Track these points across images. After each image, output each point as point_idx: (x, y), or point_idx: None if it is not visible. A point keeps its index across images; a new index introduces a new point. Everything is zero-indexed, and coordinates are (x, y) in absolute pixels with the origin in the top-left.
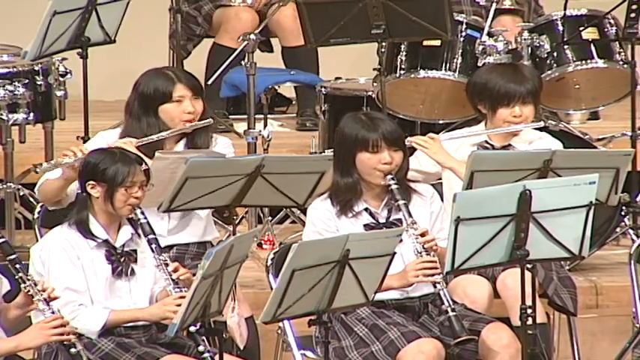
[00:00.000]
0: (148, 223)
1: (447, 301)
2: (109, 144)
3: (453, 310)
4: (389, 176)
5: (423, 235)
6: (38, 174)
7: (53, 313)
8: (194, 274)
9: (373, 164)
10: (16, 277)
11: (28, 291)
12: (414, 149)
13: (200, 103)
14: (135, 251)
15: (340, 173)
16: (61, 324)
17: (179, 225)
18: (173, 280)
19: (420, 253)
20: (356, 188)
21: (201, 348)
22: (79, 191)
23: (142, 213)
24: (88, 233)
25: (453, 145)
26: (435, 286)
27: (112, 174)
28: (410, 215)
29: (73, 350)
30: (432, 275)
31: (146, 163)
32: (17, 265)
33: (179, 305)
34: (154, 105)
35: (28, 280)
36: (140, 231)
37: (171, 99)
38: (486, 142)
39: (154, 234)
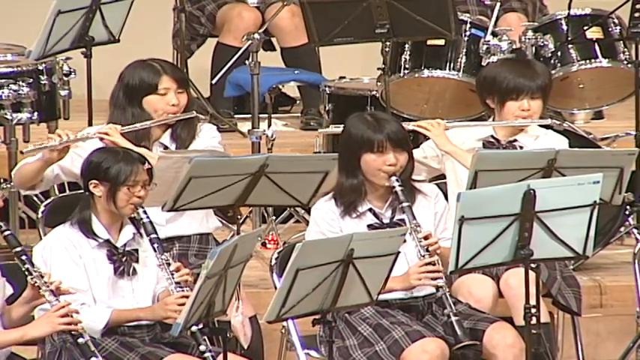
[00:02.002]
0: (150, 222)
1: (450, 305)
2: (94, 131)
3: (455, 314)
4: (393, 177)
5: (426, 238)
6: (24, 155)
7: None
8: (198, 273)
9: (378, 165)
10: (23, 268)
11: (35, 282)
12: (418, 145)
13: (184, 96)
14: (136, 251)
15: (345, 174)
16: (67, 313)
17: (178, 214)
18: (174, 279)
19: (424, 256)
20: (360, 190)
21: (202, 347)
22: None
23: (145, 212)
24: (89, 233)
25: (458, 139)
26: (437, 290)
27: (115, 173)
28: (414, 217)
29: (81, 340)
30: (435, 279)
31: (149, 162)
32: (23, 257)
33: (181, 305)
34: (139, 96)
35: (35, 271)
36: (142, 230)
37: (156, 91)
38: (492, 136)
39: (157, 233)
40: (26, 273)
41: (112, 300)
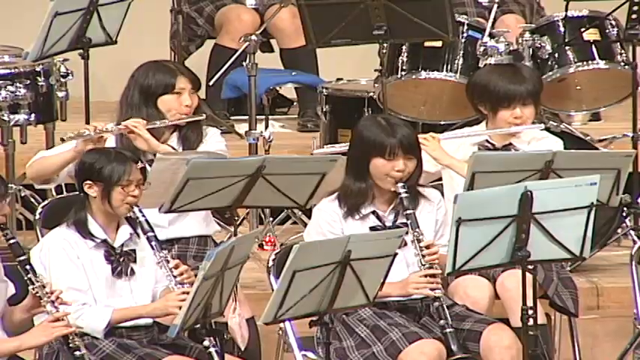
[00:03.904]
0: (146, 220)
1: (445, 317)
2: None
3: (450, 326)
4: (400, 184)
5: (427, 247)
6: (64, 141)
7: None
8: (196, 275)
9: (386, 170)
10: (25, 278)
11: (36, 292)
12: None
13: (196, 97)
14: (134, 251)
15: (354, 177)
16: (63, 324)
17: (180, 215)
18: (174, 276)
19: (424, 265)
20: (367, 194)
21: (206, 343)
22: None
23: (140, 211)
24: (86, 233)
25: (453, 144)
26: (434, 301)
27: (108, 173)
28: (417, 226)
29: (77, 353)
30: (433, 289)
31: (142, 161)
32: (27, 267)
33: (182, 300)
34: (155, 96)
35: (37, 281)
36: (139, 229)
37: (172, 90)
38: (487, 141)
39: (153, 231)
40: (28, 283)
41: (111, 300)
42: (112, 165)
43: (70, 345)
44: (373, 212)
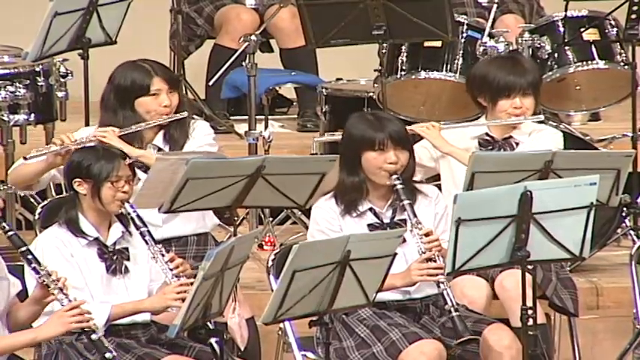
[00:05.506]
0: (138, 216)
1: (451, 300)
2: (89, 135)
3: (456, 310)
4: (394, 176)
5: (427, 235)
6: (27, 161)
7: (70, 301)
8: (196, 275)
9: (379, 164)
10: (30, 267)
11: (43, 281)
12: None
13: (176, 96)
14: (127, 249)
15: (346, 172)
16: (79, 312)
17: (174, 214)
18: (170, 269)
19: (424, 252)
20: (362, 188)
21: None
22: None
23: (132, 206)
24: (78, 232)
25: (453, 137)
26: (438, 286)
27: (97, 170)
28: (415, 215)
29: (94, 336)
30: (436, 275)
31: (130, 157)
32: (29, 257)
33: (179, 293)
34: (130, 98)
35: (42, 270)
36: (132, 226)
37: (148, 92)
38: (487, 134)
39: (147, 226)
40: (33, 273)
41: (107, 298)
42: (101, 162)
43: (86, 329)
44: (370, 209)
